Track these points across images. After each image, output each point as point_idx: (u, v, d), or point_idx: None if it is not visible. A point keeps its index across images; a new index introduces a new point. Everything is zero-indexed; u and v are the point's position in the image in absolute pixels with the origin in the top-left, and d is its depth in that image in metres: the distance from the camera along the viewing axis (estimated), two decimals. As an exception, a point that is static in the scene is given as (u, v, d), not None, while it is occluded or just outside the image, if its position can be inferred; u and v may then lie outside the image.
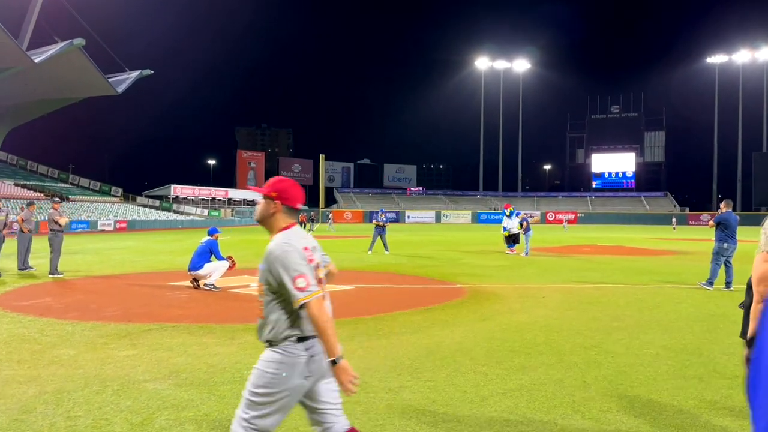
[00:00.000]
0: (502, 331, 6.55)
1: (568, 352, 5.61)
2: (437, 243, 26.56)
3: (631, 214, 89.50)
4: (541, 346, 5.87)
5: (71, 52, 59.14)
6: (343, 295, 9.31)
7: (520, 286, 10.78)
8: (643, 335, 6.41)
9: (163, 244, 24.94)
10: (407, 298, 9.25)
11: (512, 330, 6.59)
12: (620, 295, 9.68)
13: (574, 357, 5.43)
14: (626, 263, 15.80)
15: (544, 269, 14.03)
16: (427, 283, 11.21)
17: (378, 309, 7.86)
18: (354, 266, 14.41)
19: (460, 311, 7.83)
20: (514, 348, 5.75)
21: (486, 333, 6.43)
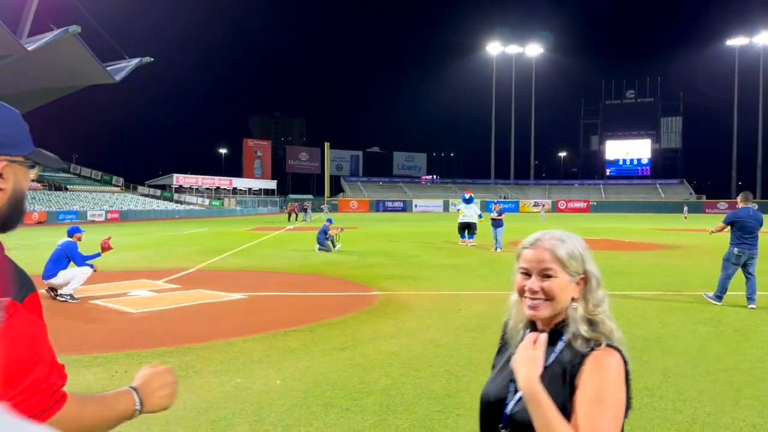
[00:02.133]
0: (347, 368, 5.02)
1: (405, 409, 4.08)
2: (415, 235, 25.01)
3: (645, 202, 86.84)
4: (374, 395, 4.34)
5: (67, 39, 58.18)
6: (219, 307, 7.86)
7: (446, 293, 9.22)
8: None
9: (127, 237, 23.75)
10: (295, 311, 7.76)
11: (361, 367, 5.06)
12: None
13: (403, 419, 3.90)
14: (600, 260, 13.77)
15: (499, 269, 12.42)
16: (341, 289, 9.70)
17: (232, 331, 6.38)
18: (285, 265, 12.97)
19: (330, 333, 6.32)
20: (332, 400, 4.23)
21: (321, 372, 4.91)
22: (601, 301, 1.50)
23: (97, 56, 62.71)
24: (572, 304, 1.45)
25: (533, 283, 1.43)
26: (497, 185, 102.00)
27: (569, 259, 1.44)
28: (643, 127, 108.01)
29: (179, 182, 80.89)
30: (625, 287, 9.94)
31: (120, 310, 7.48)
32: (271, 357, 5.30)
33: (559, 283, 1.42)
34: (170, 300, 8.29)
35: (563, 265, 1.43)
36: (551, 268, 1.43)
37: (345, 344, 5.83)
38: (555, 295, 1.41)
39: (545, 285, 1.42)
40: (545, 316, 1.43)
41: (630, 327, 6.80)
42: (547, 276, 1.43)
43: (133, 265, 13.21)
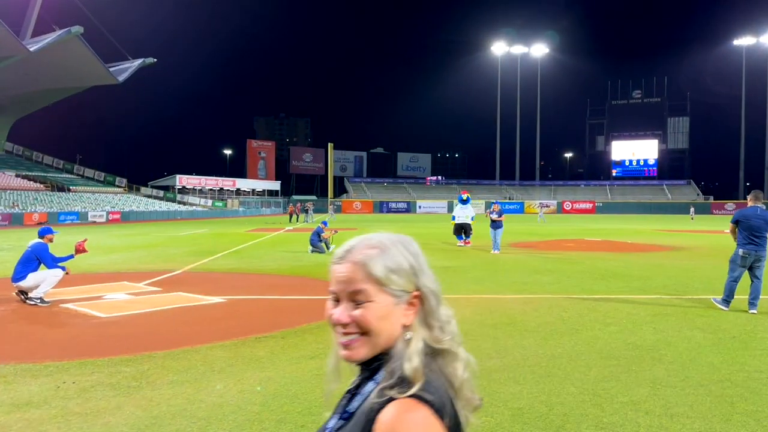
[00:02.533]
0: (311, 378, 4.68)
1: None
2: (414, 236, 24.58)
3: (652, 203, 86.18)
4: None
5: (69, 40, 58.22)
6: (194, 312, 7.54)
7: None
8: (504, 386, 4.51)
9: (122, 239, 23.51)
10: (271, 316, 7.44)
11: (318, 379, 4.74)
12: (548, 310, 7.74)
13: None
14: (599, 262, 13.74)
15: (492, 271, 12.08)
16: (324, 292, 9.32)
17: (201, 336, 6.07)
18: (275, 267, 12.65)
19: (303, 340, 5.99)
20: (288, 416, 3.89)
21: (283, 383, 4.57)
22: (446, 323, 1.09)
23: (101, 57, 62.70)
24: (405, 333, 1.04)
25: (341, 314, 1.03)
26: (502, 186, 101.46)
27: (389, 275, 1.04)
28: (649, 128, 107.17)
29: (182, 183, 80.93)
30: (621, 290, 9.56)
31: (89, 315, 7.18)
32: (233, 366, 4.97)
33: (376, 309, 1.02)
34: (145, 303, 7.99)
35: (381, 284, 1.03)
36: (363, 289, 1.03)
37: (315, 352, 5.50)
38: (371, 328, 1.01)
39: (356, 314, 1.02)
40: (362, 357, 1.03)
41: (622, 333, 6.45)
42: (359, 301, 1.03)
43: (119, 267, 12.93)
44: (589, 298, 8.78)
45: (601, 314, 7.53)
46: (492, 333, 6.43)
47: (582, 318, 7.26)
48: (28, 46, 55.95)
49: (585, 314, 7.51)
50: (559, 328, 6.71)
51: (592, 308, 7.95)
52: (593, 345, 5.92)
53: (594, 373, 4.91)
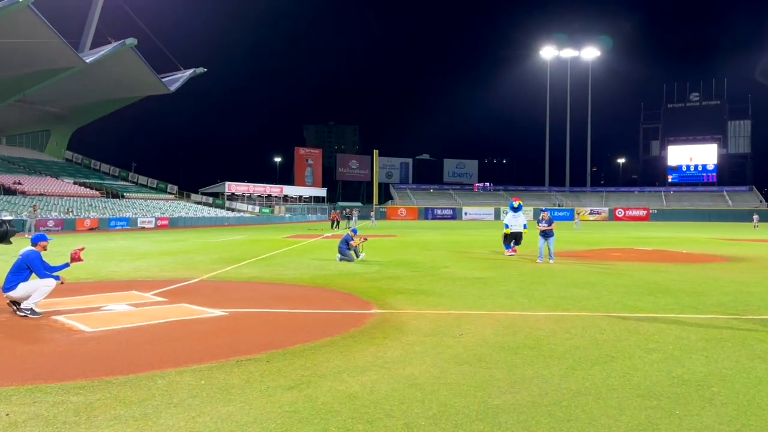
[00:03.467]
0: (279, 417, 3.94)
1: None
2: (454, 244, 23.70)
3: (711, 210, 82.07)
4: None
5: (124, 51, 60.02)
6: (187, 327, 6.95)
7: (454, 312, 8.03)
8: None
9: (159, 244, 23.51)
10: (268, 333, 6.77)
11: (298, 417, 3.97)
12: (581, 331, 6.79)
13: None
14: (647, 275, 12.53)
15: (526, 283, 11.09)
16: (338, 305, 8.65)
17: (178, 358, 5.45)
18: (295, 276, 12.03)
19: (290, 364, 5.28)
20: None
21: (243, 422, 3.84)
22: None
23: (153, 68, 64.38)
24: None
25: None
26: (551, 192, 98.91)
27: None
28: (708, 132, 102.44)
29: (231, 190, 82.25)
30: (669, 308, 8.47)
31: (74, 329, 6.69)
32: (196, 398, 4.30)
33: None
34: (141, 316, 7.47)
35: None
36: None
37: (298, 380, 4.77)
38: None
39: None
40: None
41: (666, 363, 5.46)
42: None
43: (139, 274, 12.60)
44: (632, 317, 7.75)
45: (644, 337, 6.53)
46: (510, 359, 5.56)
47: (620, 342, 6.29)
48: (84, 58, 57.93)
49: (624, 337, 6.53)
50: (590, 354, 5.78)
51: (634, 329, 6.94)
52: (630, 378, 4.98)
53: (627, 419, 4.00)
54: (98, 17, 66.02)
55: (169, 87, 69.59)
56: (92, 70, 59.01)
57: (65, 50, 53.95)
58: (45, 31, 49.43)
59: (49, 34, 49.98)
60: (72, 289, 9.98)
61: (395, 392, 4.52)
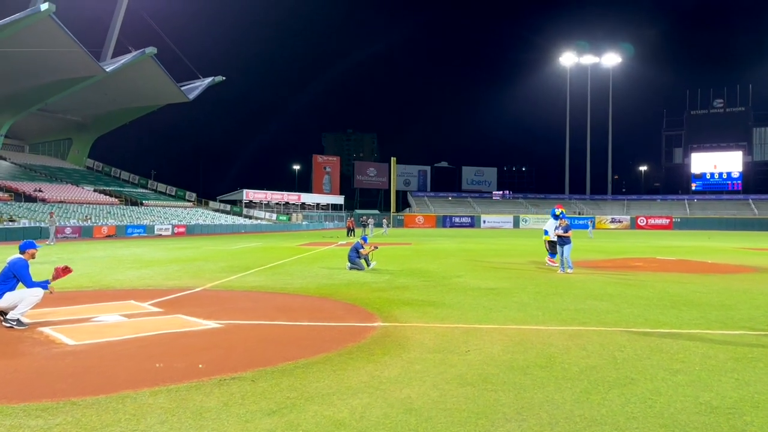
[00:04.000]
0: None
1: None
2: (469, 252, 23.14)
3: (736, 218, 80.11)
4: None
5: (144, 60, 60.62)
6: (176, 341, 6.56)
7: (462, 326, 7.54)
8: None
9: (171, 251, 23.33)
10: (260, 348, 6.35)
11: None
12: (598, 348, 6.26)
13: None
14: (671, 286, 11.89)
15: (542, 295, 10.55)
16: (340, 317, 8.20)
17: (155, 376, 5.05)
18: (301, 286, 11.62)
19: (277, 385, 4.85)
20: None
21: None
22: None
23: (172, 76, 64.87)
24: None
25: None
26: (571, 200, 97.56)
27: None
28: (733, 139, 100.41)
29: (249, 197, 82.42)
30: (695, 323, 7.89)
31: (58, 341, 6.35)
32: (164, 424, 3.89)
33: None
34: (131, 328, 7.11)
35: None
36: None
37: (282, 404, 4.34)
38: None
39: None
40: None
41: (692, 387, 4.93)
42: None
43: (142, 282, 12.30)
44: (654, 333, 7.20)
45: (667, 356, 5.98)
46: (519, 380, 5.07)
47: (641, 361, 5.76)
48: (105, 67, 58.60)
49: (646, 356, 5.99)
50: (608, 375, 5.26)
51: (657, 347, 6.40)
52: (652, 405, 4.46)
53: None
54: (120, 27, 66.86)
55: (188, 95, 70.16)
56: (113, 79, 59.67)
57: (86, 59, 54.60)
58: (66, 40, 50.07)
59: (70, 44, 50.62)
60: (69, 298, 9.70)
61: (387, 419, 4.06)
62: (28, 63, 51.51)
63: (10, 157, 63.86)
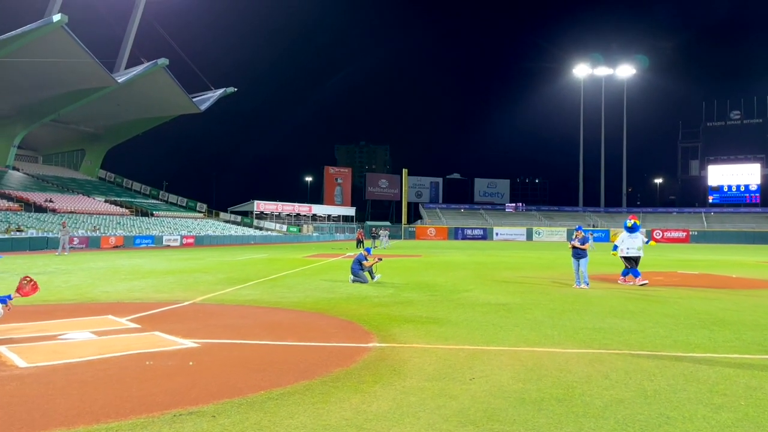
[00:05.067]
0: None
1: None
2: (481, 265, 22.25)
3: (755, 232, 78.41)
4: None
5: (156, 72, 60.69)
6: (140, 363, 5.78)
7: (468, 347, 6.72)
8: None
9: (172, 262, 22.69)
10: (235, 373, 5.57)
11: None
12: (624, 377, 5.42)
13: None
14: (697, 303, 10.97)
15: (559, 311, 9.69)
16: (333, 336, 7.38)
17: (100, 409, 4.29)
18: (298, 300, 10.84)
19: (241, 423, 4.08)
20: None
21: None
22: None
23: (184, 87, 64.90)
24: None
25: None
26: (585, 213, 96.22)
27: None
28: (750, 151, 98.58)
29: (260, 209, 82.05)
30: (732, 347, 6.99)
31: (8, 363, 5.62)
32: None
33: None
34: (98, 348, 6.38)
35: None
36: None
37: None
38: None
39: None
40: None
41: (742, 427, 4.07)
42: None
43: (128, 295, 11.60)
44: (686, 358, 6.33)
45: (706, 387, 5.12)
46: (531, 418, 4.24)
47: (675, 394, 4.90)
48: (117, 78, 58.69)
49: (680, 387, 5.13)
50: (638, 412, 4.42)
51: (692, 375, 5.53)
52: (695, 454, 3.62)
53: None
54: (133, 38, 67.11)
55: (199, 107, 70.15)
56: (125, 90, 59.75)
57: (98, 70, 54.69)
58: (78, 51, 50.13)
59: (83, 55, 50.68)
60: (44, 311, 9.02)
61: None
62: (41, 74, 51.64)
63: (24, 168, 64.04)
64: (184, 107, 69.96)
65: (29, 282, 6.80)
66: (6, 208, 46.69)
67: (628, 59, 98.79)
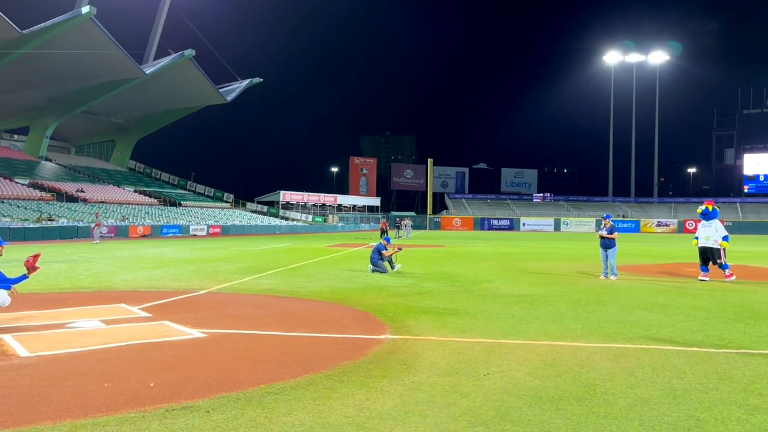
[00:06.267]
0: None
1: None
2: (504, 256, 21.80)
3: (792, 222, 75.82)
4: None
5: (183, 63, 61.14)
6: (143, 353, 5.61)
7: (484, 341, 6.40)
8: None
9: (195, 251, 22.76)
10: (240, 364, 5.36)
11: None
12: (651, 373, 5.05)
13: None
14: (731, 295, 10.44)
15: (584, 303, 9.29)
16: (346, 327, 7.14)
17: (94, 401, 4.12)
18: (315, 289, 10.63)
19: (231, 418, 3.85)
20: None
21: None
22: None
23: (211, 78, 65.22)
24: None
25: None
26: (615, 203, 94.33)
27: None
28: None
29: (286, 199, 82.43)
30: (767, 341, 6.55)
31: (10, 352, 5.51)
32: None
33: None
34: (103, 337, 6.25)
35: None
36: None
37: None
38: None
39: None
40: None
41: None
42: None
43: (146, 284, 11.54)
44: (719, 354, 5.92)
45: (740, 386, 4.73)
46: (548, 419, 3.93)
47: (707, 393, 4.53)
48: (145, 70, 59.29)
49: (713, 385, 4.75)
50: (666, 413, 4.06)
51: (725, 373, 5.14)
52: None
53: None
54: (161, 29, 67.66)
55: (226, 97, 70.54)
56: (153, 82, 60.34)
57: (127, 62, 55.28)
58: (107, 43, 50.69)
59: (111, 46, 51.24)
60: (59, 299, 8.98)
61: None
62: (72, 66, 52.40)
63: (57, 159, 65.30)
64: (211, 98, 70.42)
65: (28, 258, 6.72)
66: (38, 198, 47.65)
67: (661, 45, 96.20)
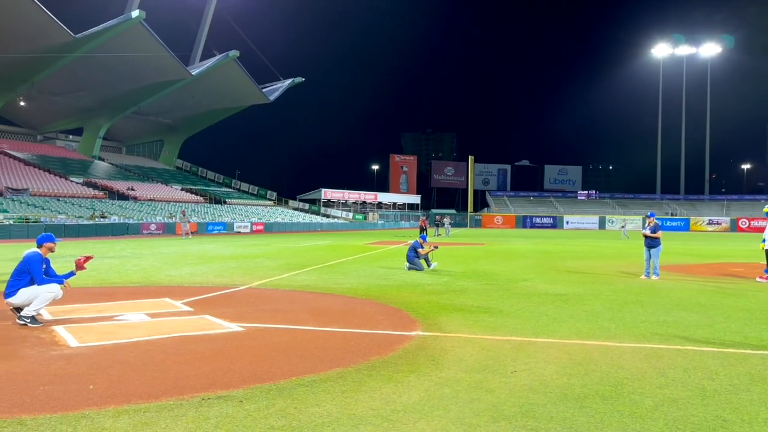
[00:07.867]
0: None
1: None
2: (545, 255, 21.57)
3: None
4: None
5: (227, 63, 62.58)
6: (183, 345, 5.89)
7: (515, 339, 6.44)
8: None
9: (238, 248, 23.36)
10: (272, 357, 5.57)
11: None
12: (682, 374, 5.01)
13: None
14: (778, 297, 10.12)
15: (621, 302, 9.18)
16: (378, 324, 7.28)
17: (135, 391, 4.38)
18: (351, 286, 10.82)
19: (264, 410, 4.04)
20: None
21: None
22: None
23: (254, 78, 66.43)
24: None
25: None
26: (663, 201, 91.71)
27: None
28: None
29: (327, 197, 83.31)
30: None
31: (61, 343, 5.87)
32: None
33: None
34: (148, 329, 6.57)
35: None
36: None
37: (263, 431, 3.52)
38: None
39: None
40: None
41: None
42: None
43: (189, 279, 11.97)
44: (755, 356, 5.81)
45: (774, 390, 4.65)
46: (571, 416, 3.98)
47: (737, 395, 4.48)
48: (191, 71, 60.93)
49: (744, 387, 4.69)
50: (692, 413, 4.05)
51: (759, 376, 5.05)
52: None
53: None
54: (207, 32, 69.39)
55: (268, 97, 71.79)
56: (199, 83, 61.95)
57: (174, 64, 56.93)
58: (155, 45, 52.31)
59: (159, 49, 52.84)
60: (107, 293, 9.44)
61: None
62: (122, 68, 54.31)
63: (108, 158, 67.76)
64: (255, 97, 71.79)
65: (80, 258, 7.11)
66: (92, 196, 49.61)
67: (712, 38, 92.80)
